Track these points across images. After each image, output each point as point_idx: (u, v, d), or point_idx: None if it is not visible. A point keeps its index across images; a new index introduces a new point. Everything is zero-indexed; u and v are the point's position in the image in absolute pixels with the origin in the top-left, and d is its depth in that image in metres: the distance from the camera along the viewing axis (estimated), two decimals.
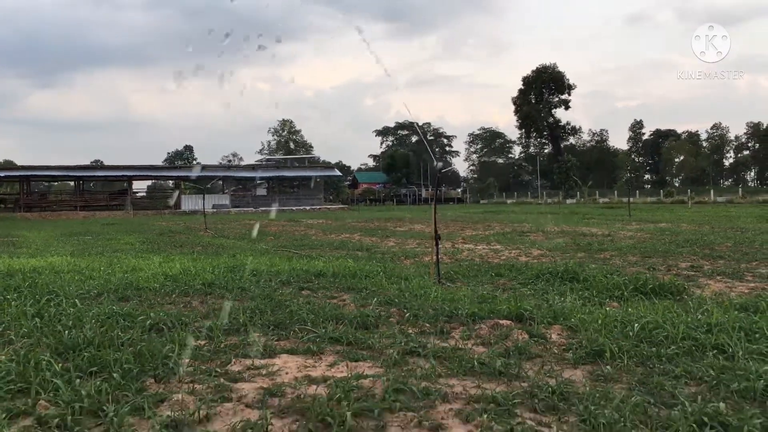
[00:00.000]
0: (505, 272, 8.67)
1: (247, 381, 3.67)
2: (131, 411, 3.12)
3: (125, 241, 17.66)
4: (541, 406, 3.15)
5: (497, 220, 26.16)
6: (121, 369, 3.71)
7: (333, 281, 7.55)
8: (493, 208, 49.29)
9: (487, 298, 6.18)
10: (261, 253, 12.64)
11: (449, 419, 3.02)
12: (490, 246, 13.80)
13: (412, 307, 5.64)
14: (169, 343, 4.35)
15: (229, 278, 7.59)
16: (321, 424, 2.94)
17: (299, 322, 5.11)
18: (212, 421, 3.04)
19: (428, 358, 4.04)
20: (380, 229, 21.21)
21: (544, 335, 4.69)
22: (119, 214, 53.75)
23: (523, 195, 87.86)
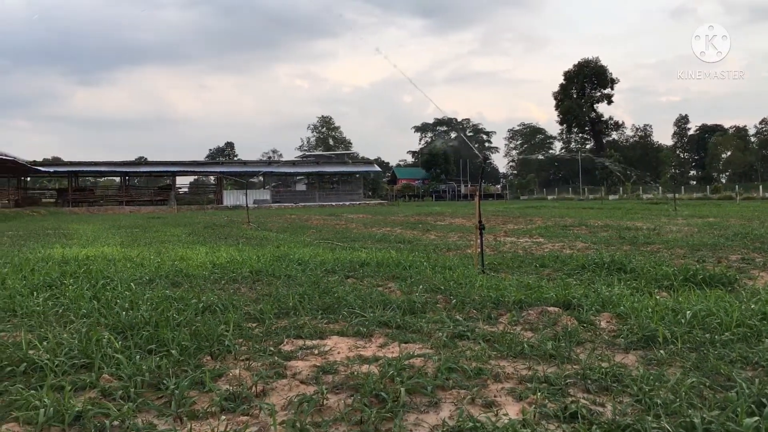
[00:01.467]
0: (549, 263, 8.61)
1: (300, 359, 3.74)
2: (191, 385, 3.21)
3: (171, 233, 18.02)
4: (594, 386, 3.15)
5: (538, 215, 25.93)
6: (179, 347, 3.82)
7: (377, 270, 7.61)
8: (534, 204, 48.84)
9: (533, 286, 6.16)
10: (304, 244, 12.77)
11: (502, 397, 3.04)
12: (533, 239, 13.70)
13: (458, 294, 5.66)
14: (223, 323, 4.46)
15: (275, 266, 7.71)
16: (375, 399, 2.99)
17: (347, 307, 5.18)
18: (269, 396, 3.11)
19: (477, 341, 4.06)
20: (420, 223, 21.21)
21: (592, 322, 4.67)
22: (163, 209, 54.76)
23: (564, 191, 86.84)
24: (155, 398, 3.09)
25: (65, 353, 3.69)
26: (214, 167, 70.25)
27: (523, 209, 34.26)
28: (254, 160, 78.19)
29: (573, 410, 2.77)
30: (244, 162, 73.59)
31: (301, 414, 2.80)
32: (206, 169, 71.39)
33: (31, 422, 2.74)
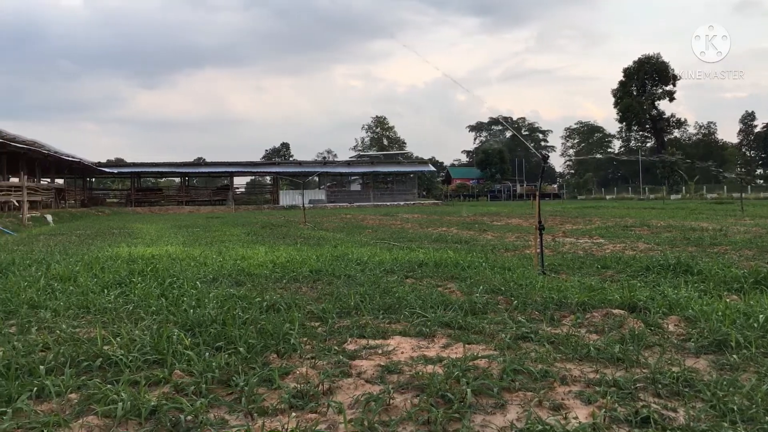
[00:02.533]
0: (611, 264, 8.45)
1: (365, 359, 3.77)
2: (259, 382, 3.28)
3: (230, 233, 18.38)
4: (665, 391, 3.08)
5: (597, 215, 25.45)
6: (246, 344, 3.91)
7: (436, 270, 7.61)
8: (592, 204, 47.95)
9: (596, 288, 6.05)
10: (361, 244, 12.85)
11: (570, 400, 3.01)
12: (593, 240, 13.46)
13: (519, 296, 5.61)
14: (287, 322, 4.54)
15: (335, 266, 7.79)
16: (441, 399, 2.99)
17: (408, 307, 5.19)
18: (336, 394, 3.15)
19: (542, 343, 4.02)
20: (477, 223, 21.07)
21: (660, 325, 4.56)
22: (221, 208, 55.89)
23: (623, 190, 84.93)
24: (225, 394, 3.17)
25: (138, 349, 3.81)
26: (271, 167, 71.31)
27: (581, 209, 33.67)
28: (309, 161, 79.05)
29: (644, 415, 2.72)
30: (300, 162, 74.46)
31: (368, 413, 2.83)
32: (263, 169, 72.55)
33: (110, 416, 2.84)
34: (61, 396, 3.09)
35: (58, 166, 43.96)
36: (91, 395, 3.08)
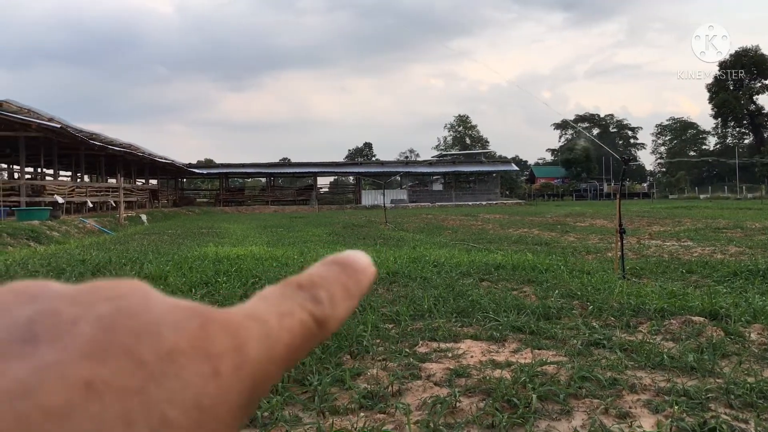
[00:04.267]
0: (697, 269, 8.19)
1: (435, 362, 3.87)
2: (332, 382, 3.43)
3: (313, 233, 18.82)
4: (738, 402, 3.03)
5: (688, 215, 24.51)
6: (321, 345, 4.07)
7: (513, 273, 7.59)
8: (684, 204, 46.13)
9: (677, 294, 5.91)
10: (440, 245, 12.92)
11: (637, 408, 3.01)
12: (680, 242, 13.03)
13: (595, 301, 5.56)
14: (361, 324, 4.68)
15: (411, 268, 7.90)
16: (507, 404, 3.05)
17: (481, 311, 5.24)
18: (404, 395, 3.26)
19: (614, 350, 4.00)
20: (559, 224, 20.73)
21: (741, 334, 4.43)
22: (305, 208, 57.06)
23: (718, 189, 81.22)
24: (300, 393, 3.34)
25: None
26: (353, 168, 72.22)
27: (671, 209, 32.48)
28: (391, 161, 79.56)
29: (712, 425, 2.70)
30: (382, 162, 75.05)
31: (434, 415, 2.92)
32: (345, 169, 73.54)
33: None
34: None
35: (152, 167, 46.06)
36: None
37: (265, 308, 0.27)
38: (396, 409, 3.04)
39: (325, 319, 0.29)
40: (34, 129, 23.86)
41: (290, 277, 0.30)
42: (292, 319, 0.27)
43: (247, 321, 0.26)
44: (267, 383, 0.26)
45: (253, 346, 0.25)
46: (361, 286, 0.31)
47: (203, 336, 0.24)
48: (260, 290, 0.29)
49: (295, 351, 0.27)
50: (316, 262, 0.32)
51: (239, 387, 0.24)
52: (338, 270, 0.31)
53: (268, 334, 0.26)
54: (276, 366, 0.26)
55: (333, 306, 0.29)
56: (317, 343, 0.29)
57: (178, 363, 0.23)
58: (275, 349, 0.26)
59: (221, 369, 0.24)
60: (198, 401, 0.23)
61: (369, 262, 0.33)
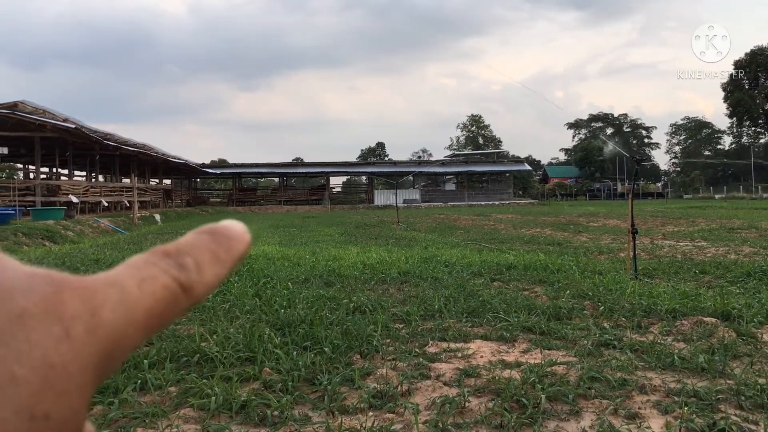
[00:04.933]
0: (710, 269, 8.14)
1: (444, 362, 3.88)
2: (342, 381, 3.45)
3: (325, 233, 18.85)
4: (748, 403, 3.02)
5: (702, 215, 24.34)
6: (331, 344, 4.09)
7: (524, 274, 7.58)
8: (698, 204, 45.80)
9: (689, 294, 5.88)
10: (452, 245, 12.91)
11: (646, 409, 3.00)
12: (694, 242, 12.94)
13: (606, 301, 5.54)
14: (371, 324, 4.70)
15: (423, 268, 7.91)
16: (516, 404, 3.06)
17: (491, 311, 5.24)
18: (414, 395, 3.28)
19: (624, 351, 3.99)
20: (572, 224, 20.65)
21: (753, 335, 4.41)
22: (318, 208, 57.16)
23: (733, 189, 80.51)
24: (310, 392, 3.36)
25: (232, 346, 4.07)
26: (365, 167, 72.24)
27: (686, 209, 32.26)
28: (404, 160, 79.53)
29: (721, 427, 2.69)
30: (394, 162, 75.04)
31: (443, 414, 2.93)
32: (358, 169, 73.57)
33: (204, 408, 3.08)
34: (161, 389, 3.37)
35: (166, 167, 46.32)
36: (188, 389, 3.34)
37: (126, 273, 0.28)
38: (405, 408, 3.05)
39: (190, 285, 0.29)
40: (49, 129, 24.07)
41: (158, 245, 0.30)
42: (153, 284, 0.28)
43: (105, 287, 0.27)
44: (126, 346, 0.27)
45: (108, 310, 0.26)
46: (232, 253, 0.32)
47: (56, 300, 0.25)
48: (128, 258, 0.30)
49: (159, 316, 0.28)
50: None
51: (92, 348, 0.25)
52: (208, 238, 0.32)
53: (126, 299, 0.27)
54: (135, 329, 0.27)
55: (200, 272, 0.30)
56: (184, 309, 0.29)
57: (29, 325, 0.24)
58: (134, 313, 0.27)
59: (73, 331, 0.25)
60: (48, 361, 0.24)
61: (243, 230, 0.33)
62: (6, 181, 25.96)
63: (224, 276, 0.31)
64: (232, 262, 0.32)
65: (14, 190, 23.70)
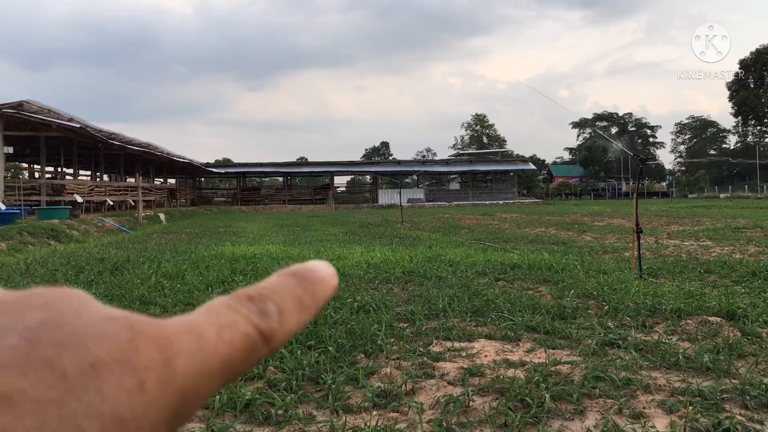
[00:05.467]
0: (715, 269, 8.11)
1: (448, 361, 3.88)
2: (346, 380, 3.45)
3: (329, 232, 18.86)
4: (753, 403, 3.01)
5: (708, 215, 24.27)
6: (336, 344, 4.09)
7: (528, 273, 7.58)
8: (703, 203, 45.65)
9: (694, 294, 5.87)
10: (456, 245, 12.91)
11: (651, 409, 3.00)
12: (699, 242, 12.91)
13: (611, 301, 5.54)
14: (376, 323, 4.70)
15: (427, 267, 7.91)
16: (520, 403, 3.06)
17: (496, 310, 5.24)
18: (418, 394, 3.28)
19: (629, 350, 3.98)
20: (577, 224, 20.61)
21: (758, 334, 4.40)
22: (322, 207, 57.18)
23: (738, 188, 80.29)
24: (314, 391, 3.36)
25: None
26: (370, 167, 72.23)
27: (691, 209, 32.18)
28: (408, 160, 79.50)
29: (726, 426, 2.68)
30: (399, 161, 75.01)
31: (447, 414, 2.93)
32: (362, 168, 73.58)
33: (208, 407, 3.08)
34: None
35: (170, 166, 46.42)
36: None
37: (205, 320, 0.27)
38: (409, 407, 3.05)
39: (271, 334, 0.28)
40: (54, 129, 24.14)
41: (241, 289, 0.29)
42: (232, 332, 0.27)
43: (181, 334, 0.26)
44: (199, 397, 0.26)
45: (183, 360, 0.25)
46: (317, 299, 0.30)
47: (130, 349, 0.24)
48: (209, 300, 0.28)
49: (235, 365, 0.27)
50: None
51: (165, 401, 0.24)
52: (294, 282, 0.30)
53: (203, 348, 0.26)
54: (210, 380, 0.26)
55: (282, 320, 0.28)
56: (262, 357, 0.28)
57: (101, 376, 0.23)
58: (209, 363, 0.26)
59: (146, 383, 0.24)
60: (119, 415, 0.23)
61: (331, 274, 0.31)
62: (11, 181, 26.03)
63: (307, 323, 0.30)
64: (317, 308, 0.30)
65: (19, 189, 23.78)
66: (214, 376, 0.26)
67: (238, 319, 0.27)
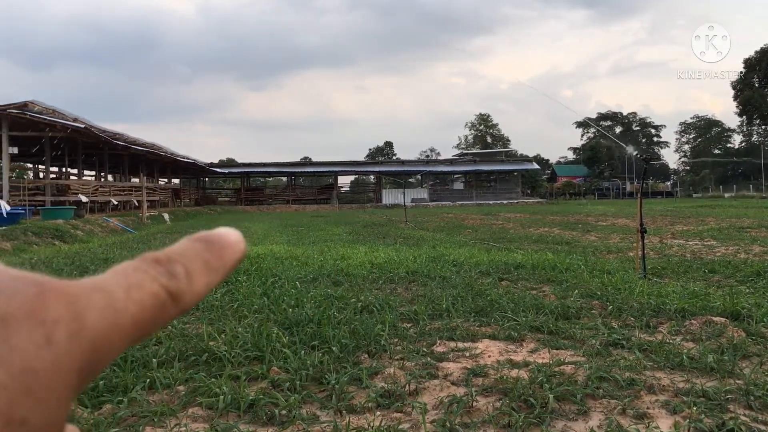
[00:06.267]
0: (720, 269, 8.10)
1: (452, 361, 3.88)
2: (349, 381, 3.46)
3: (333, 232, 18.86)
4: (758, 403, 3.00)
5: (712, 214, 24.22)
6: (339, 344, 4.10)
7: (532, 273, 7.57)
8: (708, 202, 45.55)
9: (698, 294, 5.86)
10: (460, 245, 12.90)
11: (655, 409, 2.99)
12: (704, 242, 12.88)
13: (615, 301, 5.53)
14: (379, 323, 4.70)
15: (431, 267, 7.91)
16: (523, 404, 3.06)
17: (499, 310, 5.24)
18: (421, 395, 3.28)
19: (633, 350, 3.98)
20: (581, 224, 20.59)
21: (763, 334, 4.39)
22: (326, 207, 57.22)
23: (743, 188, 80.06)
24: (318, 391, 3.36)
25: (240, 345, 4.09)
26: (374, 167, 72.26)
27: (695, 208, 32.10)
28: (412, 160, 79.54)
29: (730, 427, 2.68)
30: (402, 161, 75.03)
31: (450, 414, 2.93)
32: (366, 168, 73.61)
33: (212, 407, 3.09)
34: (170, 388, 3.38)
35: (174, 167, 46.49)
36: (196, 388, 3.35)
37: (114, 280, 0.28)
38: (412, 408, 3.05)
39: (179, 294, 0.29)
40: (58, 129, 24.20)
41: (148, 252, 0.30)
42: (141, 292, 0.28)
43: (91, 292, 0.27)
44: (109, 353, 0.27)
45: (93, 316, 0.26)
46: (225, 262, 0.31)
47: (39, 304, 0.25)
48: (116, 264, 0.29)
49: (145, 324, 0.28)
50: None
51: (76, 353, 0.25)
52: (201, 246, 0.31)
53: (113, 306, 0.27)
54: (120, 336, 0.27)
55: (190, 281, 0.29)
56: (172, 317, 0.29)
57: (10, 329, 0.24)
58: (119, 320, 0.27)
59: (55, 336, 0.25)
60: (28, 366, 0.24)
61: (238, 238, 0.32)
62: (16, 181, 26.11)
63: (215, 285, 0.31)
64: (225, 270, 0.31)
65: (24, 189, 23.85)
66: (124, 333, 0.27)
67: (146, 280, 0.28)
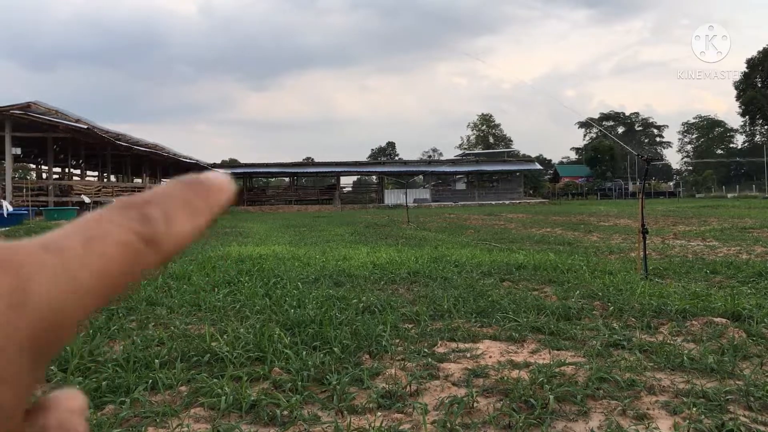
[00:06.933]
0: (721, 269, 8.10)
1: (453, 362, 3.89)
2: (351, 381, 3.47)
3: (335, 232, 18.88)
4: (758, 404, 3.01)
5: (715, 215, 24.19)
6: (341, 345, 4.11)
7: (534, 273, 7.58)
8: (711, 203, 45.47)
9: (699, 295, 5.87)
10: (462, 245, 12.91)
11: (655, 410, 3.00)
12: (706, 242, 12.87)
13: (616, 301, 5.54)
14: (381, 324, 4.71)
15: (432, 268, 7.92)
16: (524, 405, 3.07)
17: (501, 311, 5.25)
18: (422, 395, 3.29)
19: (633, 351, 3.99)
20: (583, 224, 20.58)
21: (764, 335, 4.39)
22: (328, 207, 57.23)
23: (746, 188, 79.97)
24: (319, 392, 3.38)
25: (242, 346, 4.10)
26: (376, 167, 72.24)
27: (698, 209, 32.05)
28: (414, 160, 79.56)
29: (730, 428, 2.69)
30: (405, 162, 75.03)
31: (451, 415, 2.94)
32: (368, 169, 73.60)
33: (214, 408, 3.11)
34: (172, 388, 3.40)
35: (177, 167, 46.56)
36: (198, 388, 3.37)
37: (71, 234, 0.25)
38: (413, 408, 3.06)
39: (155, 238, 0.26)
40: (61, 130, 24.26)
41: (121, 197, 0.27)
42: (104, 243, 0.25)
43: (38, 254, 0.24)
44: (71, 317, 0.24)
45: (40, 282, 0.23)
46: (210, 203, 0.28)
47: None
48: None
49: (114, 277, 0.25)
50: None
51: (20, 327, 0.23)
52: (183, 187, 0.28)
53: (66, 265, 0.24)
54: (82, 296, 0.24)
55: (169, 223, 0.27)
56: (152, 266, 0.27)
57: None
58: (78, 279, 0.24)
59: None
60: None
61: (226, 180, 0.30)
62: (19, 182, 26.17)
63: (201, 228, 0.28)
64: (211, 212, 0.28)
65: (27, 190, 23.91)
66: (88, 292, 0.24)
67: (112, 229, 0.26)
